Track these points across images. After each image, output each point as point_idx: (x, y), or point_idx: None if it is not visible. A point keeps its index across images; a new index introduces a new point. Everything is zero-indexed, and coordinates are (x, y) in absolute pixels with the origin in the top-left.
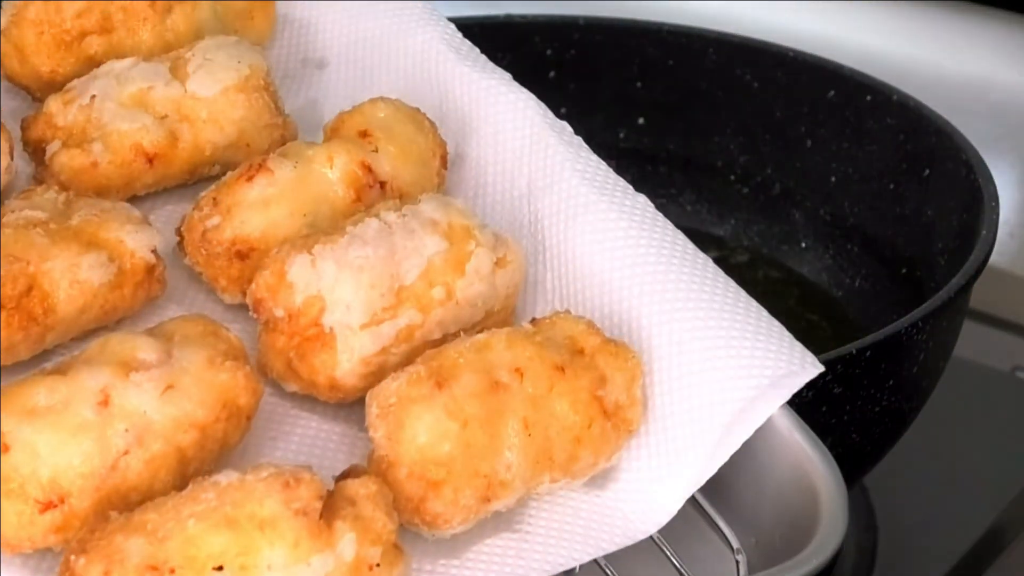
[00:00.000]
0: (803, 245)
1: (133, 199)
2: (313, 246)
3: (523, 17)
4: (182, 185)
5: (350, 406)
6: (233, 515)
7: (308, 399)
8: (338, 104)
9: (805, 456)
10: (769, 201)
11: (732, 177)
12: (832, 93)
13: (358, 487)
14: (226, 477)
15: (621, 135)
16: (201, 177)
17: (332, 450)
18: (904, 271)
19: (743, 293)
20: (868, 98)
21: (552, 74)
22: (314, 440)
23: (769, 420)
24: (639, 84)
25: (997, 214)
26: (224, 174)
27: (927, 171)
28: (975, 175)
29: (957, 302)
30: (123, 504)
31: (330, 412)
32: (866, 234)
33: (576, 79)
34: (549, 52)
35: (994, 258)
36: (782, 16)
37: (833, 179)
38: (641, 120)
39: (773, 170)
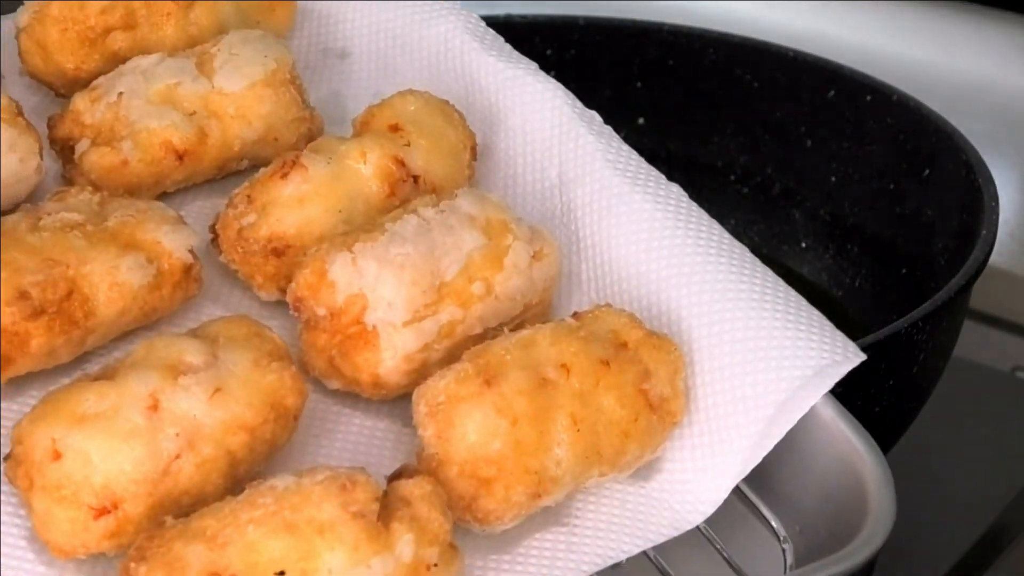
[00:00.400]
0: (803, 245)
1: (162, 196)
2: (353, 244)
3: (523, 17)
4: (210, 181)
5: (392, 402)
6: (292, 519)
7: (350, 396)
8: (361, 95)
9: (850, 445)
10: (769, 201)
11: (732, 177)
12: (832, 93)
13: (412, 487)
14: (282, 481)
15: (621, 135)
16: (229, 172)
17: (377, 447)
18: (904, 271)
19: (782, 282)
20: (868, 98)
21: (552, 74)
22: (358, 438)
23: (812, 409)
24: (639, 84)
25: (997, 214)
26: (252, 169)
27: (927, 171)
28: (975, 175)
29: (957, 302)
30: (175, 508)
31: (372, 409)
32: (866, 234)
33: (576, 79)
34: (549, 52)
35: (994, 258)
36: (782, 16)
37: (833, 179)
38: (641, 120)
39: (773, 170)
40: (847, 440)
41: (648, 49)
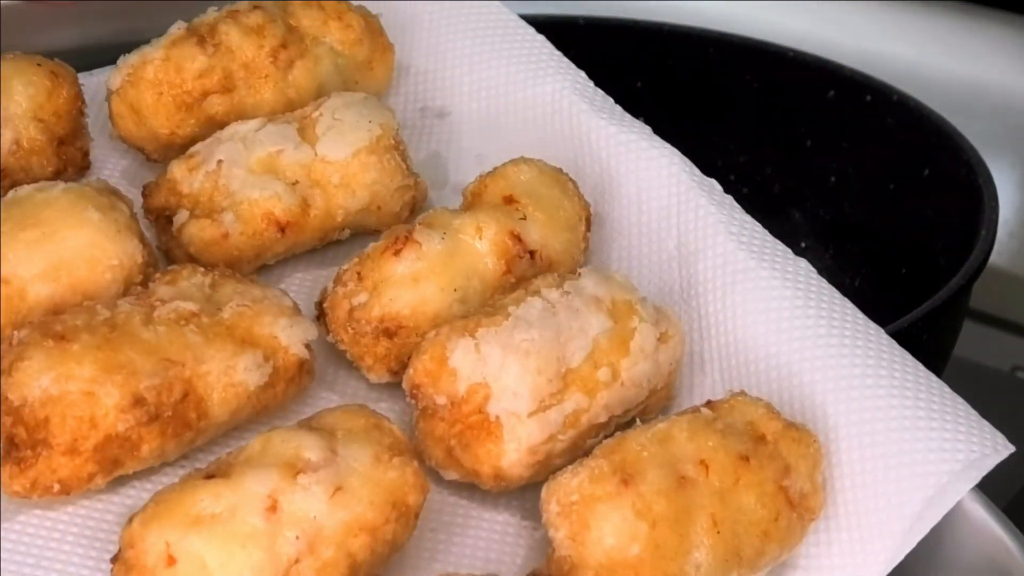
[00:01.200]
0: (803, 245)
1: (262, 268)
2: (476, 330)
3: (523, 17)
4: (310, 251)
5: (511, 493)
6: None
7: (467, 487)
8: (463, 157)
9: (1000, 544)
10: (769, 201)
11: (732, 177)
12: (832, 93)
13: None
14: None
15: None
16: (330, 242)
17: (498, 543)
18: (904, 271)
19: (922, 368)
20: (868, 98)
21: None
22: (477, 532)
23: (957, 504)
24: (639, 84)
25: (997, 214)
26: (354, 238)
27: (927, 171)
28: (975, 175)
29: (957, 302)
30: None
31: (490, 501)
32: (866, 234)
33: None
34: None
35: (994, 258)
36: (782, 16)
37: (833, 179)
38: (641, 120)
39: (773, 170)
40: (996, 538)
41: (648, 49)
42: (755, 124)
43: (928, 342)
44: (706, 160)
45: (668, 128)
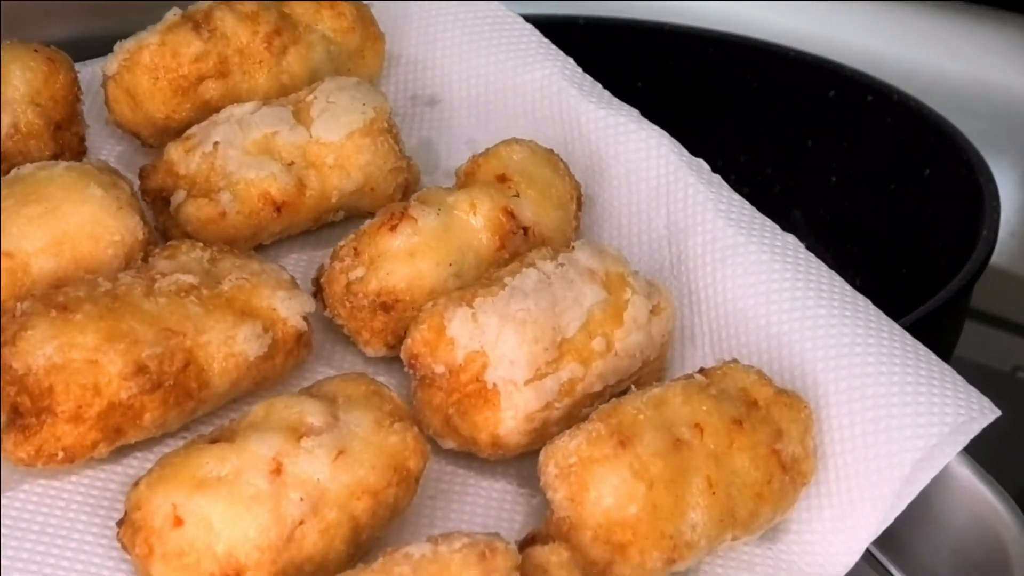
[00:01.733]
0: (803, 245)
1: (258, 249)
2: (473, 300)
3: (523, 17)
4: (305, 232)
5: (507, 462)
6: None
7: (464, 456)
8: (454, 143)
9: (988, 505)
10: (769, 201)
11: (732, 177)
12: (833, 93)
13: (549, 554)
14: (418, 549)
15: None
16: (324, 223)
17: (495, 509)
18: (904, 271)
19: (909, 336)
20: (869, 98)
21: None
22: (475, 499)
23: (946, 467)
24: (639, 84)
25: (998, 214)
26: (347, 220)
27: (927, 171)
28: (976, 175)
29: (958, 302)
30: None
31: (488, 469)
32: (866, 234)
33: None
34: None
35: (994, 258)
36: (782, 16)
37: (833, 179)
38: None
39: (773, 170)
40: (985, 499)
41: (648, 49)
42: (755, 124)
43: (929, 342)
44: (707, 160)
45: (668, 128)
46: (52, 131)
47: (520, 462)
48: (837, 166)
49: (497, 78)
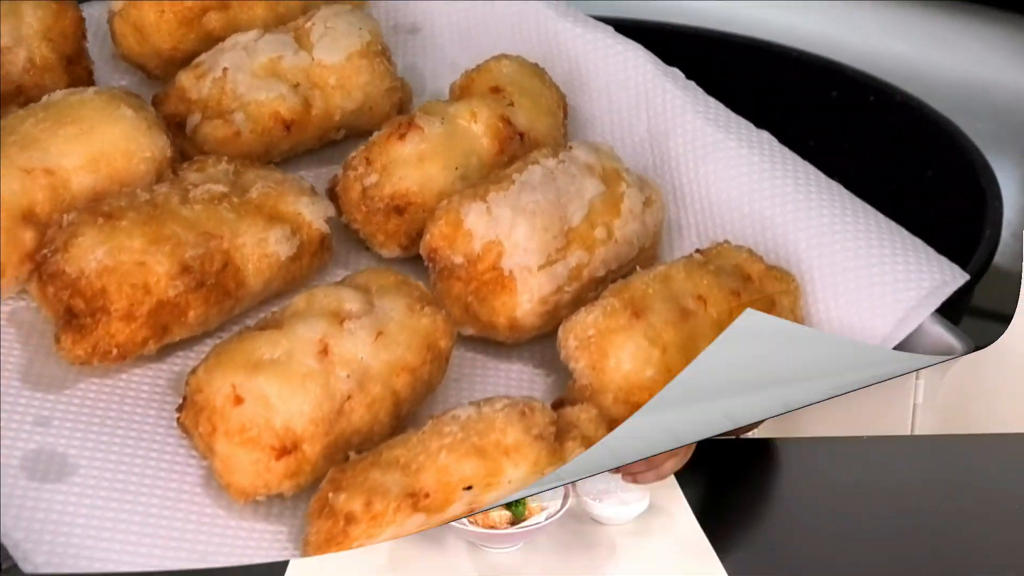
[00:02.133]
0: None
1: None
2: (486, 195)
3: None
4: (309, 152)
5: (521, 346)
6: (480, 444)
7: (480, 341)
8: (437, 67)
9: (952, 348)
10: None
11: None
12: (835, 93)
13: (579, 412)
14: (463, 411)
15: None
16: (326, 142)
17: (515, 387)
18: None
19: (882, 216)
20: (871, 98)
21: None
22: (496, 379)
23: (920, 327)
24: None
25: (1001, 214)
26: (348, 139)
27: (930, 171)
28: (978, 175)
29: (959, 302)
30: (347, 448)
31: (503, 353)
32: None
33: None
34: None
35: (997, 258)
36: (784, 16)
37: (836, 179)
38: None
39: None
40: (949, 345)
41: (649, 49)
42: (757, 124)
43: None
44: None
45: None
46: (64, 65)
47: (532, 347)
48: (839, 166)
49: (475, 4)
